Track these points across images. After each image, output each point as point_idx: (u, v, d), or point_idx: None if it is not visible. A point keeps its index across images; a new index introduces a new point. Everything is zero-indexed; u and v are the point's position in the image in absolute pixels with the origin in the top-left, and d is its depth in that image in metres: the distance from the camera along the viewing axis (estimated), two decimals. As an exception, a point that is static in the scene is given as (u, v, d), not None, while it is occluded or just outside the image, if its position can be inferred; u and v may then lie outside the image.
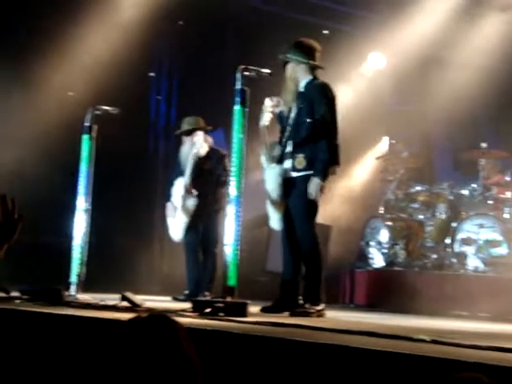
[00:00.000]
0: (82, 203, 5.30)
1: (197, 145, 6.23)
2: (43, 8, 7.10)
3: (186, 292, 6.17)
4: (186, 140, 6.41)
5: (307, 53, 4.74)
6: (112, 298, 4.52)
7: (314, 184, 4.53)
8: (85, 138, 5.33)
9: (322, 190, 4.58)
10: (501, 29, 7.48)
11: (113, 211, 7.36)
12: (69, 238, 5.37)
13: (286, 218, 4.71)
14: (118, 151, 7.14)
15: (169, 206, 6.36)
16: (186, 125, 6.41)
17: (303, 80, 4.74)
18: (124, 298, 4.40)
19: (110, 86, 6.85)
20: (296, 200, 4.64)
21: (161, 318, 1.44)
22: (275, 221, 4.77)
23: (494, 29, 7.56)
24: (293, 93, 4.68)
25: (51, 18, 7.03)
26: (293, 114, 4.72)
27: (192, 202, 6.20)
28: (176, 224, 6.30)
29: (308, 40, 4.86)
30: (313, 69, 4.77)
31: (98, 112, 5.33)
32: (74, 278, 5.14)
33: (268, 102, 4.69)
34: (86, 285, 5.18)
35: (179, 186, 6.31)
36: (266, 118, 4.69)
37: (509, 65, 7.35)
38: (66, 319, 3.51)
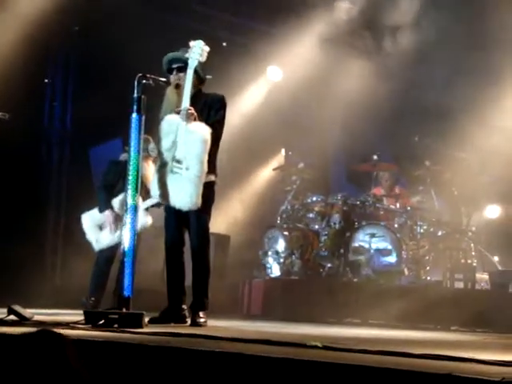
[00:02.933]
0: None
1: None
2: None
3: (93, 299, 6.07)
4: None
5: (203, 61, 4.59)
6: (-1, 312, 4.31)
7: None
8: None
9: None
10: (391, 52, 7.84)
11: (1, 219, 7.05)
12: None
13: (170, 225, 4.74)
14: (8, 157, 6.85)
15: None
16: None
17: (196, 87, 4.64)
18: (11, 311, 4.19)
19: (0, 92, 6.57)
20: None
21: (48, 333, 1.37)
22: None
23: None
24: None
25: None
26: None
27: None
28: (109, 237, 6.12)
29: None
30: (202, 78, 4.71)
31: (-16, 117, 5.08)
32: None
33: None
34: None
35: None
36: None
37: (397, 84, 7.70)
38: None
